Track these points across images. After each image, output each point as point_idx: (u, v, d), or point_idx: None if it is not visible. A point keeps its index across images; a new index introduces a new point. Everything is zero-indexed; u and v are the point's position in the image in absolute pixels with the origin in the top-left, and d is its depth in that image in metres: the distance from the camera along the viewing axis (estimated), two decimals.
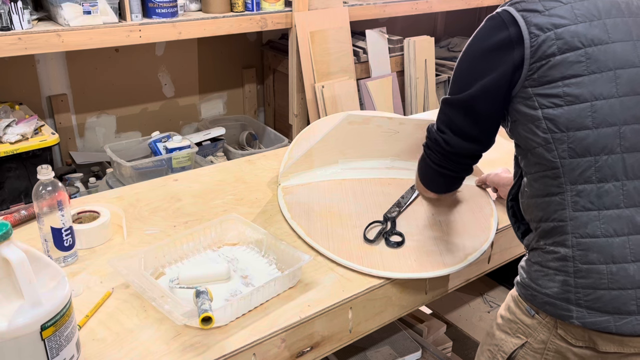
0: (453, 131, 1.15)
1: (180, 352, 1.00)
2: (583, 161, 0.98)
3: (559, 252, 1.01)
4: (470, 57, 1.10)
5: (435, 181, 1.28)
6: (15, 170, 2.35)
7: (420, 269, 1.25)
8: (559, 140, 0.99)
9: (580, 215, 0.99)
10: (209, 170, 1.74)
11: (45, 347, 0.85)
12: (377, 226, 1.39)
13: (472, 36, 1.10)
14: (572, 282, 0.99)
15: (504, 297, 2.08)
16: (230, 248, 1.32)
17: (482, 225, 1.43)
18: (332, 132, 1.59)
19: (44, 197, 1.15)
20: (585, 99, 0.98)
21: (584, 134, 0.98)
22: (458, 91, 1.12)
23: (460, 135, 1.14)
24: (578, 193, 0.99)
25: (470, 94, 1.09)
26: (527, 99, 1.02)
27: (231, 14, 2.78)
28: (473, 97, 1.09)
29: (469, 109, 1.11)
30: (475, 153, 1.20)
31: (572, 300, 0.99)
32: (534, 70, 1.00)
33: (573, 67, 0.98)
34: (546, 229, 1.04)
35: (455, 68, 1.14)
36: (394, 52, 3.47)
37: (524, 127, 1.04)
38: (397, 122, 1.63)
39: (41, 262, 0.88)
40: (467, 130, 1.13)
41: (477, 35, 1.09)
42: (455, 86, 1.13)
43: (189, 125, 3.43)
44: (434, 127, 1.20)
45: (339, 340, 1.19)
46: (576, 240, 0.99)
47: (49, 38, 2.28)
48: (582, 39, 0.98)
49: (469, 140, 1.14)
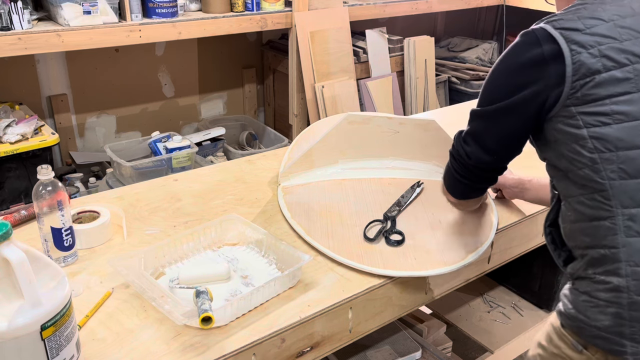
0: (476, 143, 1.14)
1: (180, 352, 1.00)
2: (635, 182, 0.93)
3: (611, 282, 0.95)
4: (501, 72, 1.08)
5: (456, 187, 1.27)
6: (15, 170, 2.35)
7: (421, 268, 1.25)
8: (608, 161, 0.95)
9: (634, 242, 0.93)
10: (209, 170, 1.74)
11: (45, 347, 0.85)
12: (377, 225, 1.39)
13: (505, 51, 1.08)
14: (626, 315, 0.93)
15: (504, 297, 2.09)
16: (230, 248, 1.32)
17: (483, 224, 1.43)
18: (332, 132, 1.59)
19: (44, 197, 1.15)
20: (635, 117, 0.94)
21: (635, 153, 0.93)
22: (485, 104, 1.11)
23: (482, 147, 1.13)
24: (631, 217, 0.93)
25: (498, 108, 1.08)
26: (569, 117, 0.99)
27: (231, 14, 2.78)
28: (500, 112, 1.08)
29: (494, 123, 1.10)
30: (494, 167, 1.18)
31: (627, 334, 0.93)
32: (576, 89, 0.97)
33: (621, 84, 0.95)
34: (595, 257, 0.98)
35: (486, 80, 1.13)
36: (394, 52, 3.47)
37: (568, 147, 1.00)
38: (397, 122, 1.63)
39: (41, 262, 0.88)
40: (488, 143, 1.13)
41: (510, 50, 1.07)
42: (484, 98, 1.12)
43: (189, 125, 3.43)
44: (460, 137, 1.19)
45: (339, 340, 1.19)
46: (630, 269, 0.93)
47: (49, 38, 2.28)
48: (628, 55, 0.96)
49: (489, 154, 1.13)
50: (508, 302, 2.07)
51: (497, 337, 1.91)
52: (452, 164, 1.22)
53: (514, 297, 2.10)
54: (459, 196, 1.29)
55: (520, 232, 1.52)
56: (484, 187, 1.26)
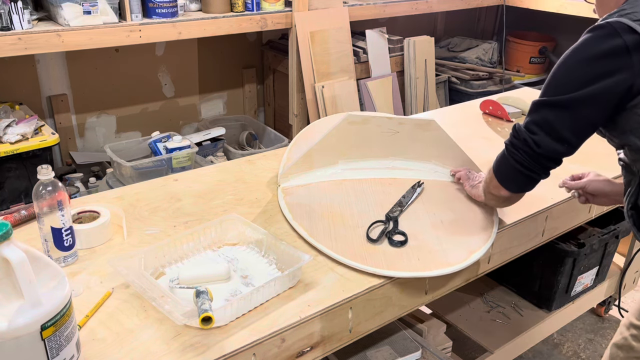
0: (546, 132, 1.14)
1: (180, 352, 1.00)
2: None
3: None
4: (576, 62, 1.09)
5: (516, 180, 1.25)
6: (15, 170, 2.35)
7: (424, 268, 1.25)
8: None
9: None
10: (209, 170, 1.74)
11: (45, 347, 0.85)
12: (380, 226, 1.39)
13: (577, 44, 1.10)
14: None
15: (504, 297, 2.09)
16: (230, 248, 1.32)
17: (484, 224, 1.43)
18: (332, 132, 1.59)
19: (44, 197, 1.15)
20: None
21: None
22: (558, 93, 1.11)
23: (554, 137, 1.13)
24: None
25: (574, 97, 1.08)
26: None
27: (231, 14, 2.78)
28: (577, 101, 1.08)
29: (570, 112, 1.10)
30: (562, 156, 1.19)
31: None
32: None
33: None
34: None
35: (554, 72, 1.13)
36: (394, 52, 3.47)
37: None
38: (397, 122, 1.63)
39: (41, 262, 0.88)
40: (563, 132, 1.13)
41: (583, 42, 1.08)
42: (555, 89, 1.12)
43: (189, 125, 3.43)
44: (523, 127, 1.18)
45: (339, 340, 1.19)
46: None
47: (49, 38, 2.28)
48: None
49: (561, 142, 1.14)
50: (508, 302, 2.07)
51: (497, 337, 1.91)
52: (514, 156, 1.20)
53: (514, 297, 2.10)
54: (517, 189, 1.27)
55: (520, 232, 1.52)
56: (544, 177, 1.24)
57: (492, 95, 2.41)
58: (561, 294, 2.00)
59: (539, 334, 2.01)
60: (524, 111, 2.27)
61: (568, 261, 1.92)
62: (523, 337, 1.94)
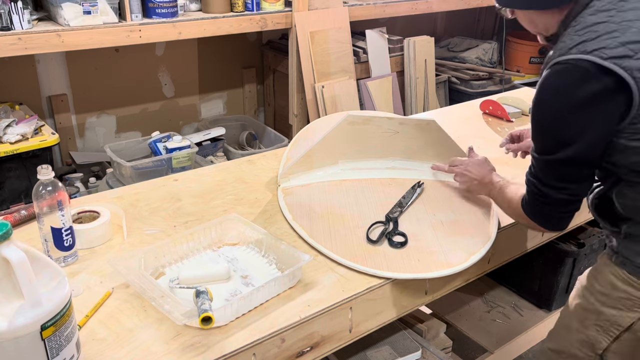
0: (573, 182, 1.14)
1: (180, 352, 1.00)
2: None
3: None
4: (562, 113, 1.08)
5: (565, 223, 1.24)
6: (15, 170, 2.35)
7: (425, 269, 1.25)
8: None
9: None
10: (209, 170, 1.74)
11: (45, 347, 0.85)
12: (380, 226, 1.39)
13: (551, 91, 1.09)
14: None
15: (504, 297, 2.09)
16: (230, 248, 1.32)
17: (484, 224, 1.43)
18: (332, 132, 1.59)
19: (44, 197, 1.15)
20: None
21: None
22: (560, 147, 1.10)
23: (580, 180, 1.15)
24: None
25: (576, 149, 1.08)
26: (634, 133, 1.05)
27: (231, 14, 2.78)
28: (580, 151, 1.09)
29: (581, 160, 1.11)
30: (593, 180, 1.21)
31: None
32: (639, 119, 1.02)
33: None
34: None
35: (540, 125, 1.14)
36: (394, 52, 3.47)
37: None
38: (397, 122, 1.63)
39: (41, 262, 0.88)
40: (585, 173, 1.14)
41: (559, 89, 1.07)
42: (554, 143, 1.11)
43: (189, 125, 3.43)
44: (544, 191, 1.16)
45: (339, 340, 1.19)
46: None
47: (49, 38, 2.28)
48: None
49: (589, 178, 1.16)
50: (508, 302, 2.07)
51: (497, 337, 1.91)
52: (556, 214, 1.20)
53: (514, 297, 2.10)
54: (566, 227, 1.26)
55: (520, 232, 1.52)
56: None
57: (492, 95, 2.41)
58: (561, 294, 2.00)
59: (539, 334, 2.01)
60: (524, 111, 2.27)
61: (568, 261, 1.92)
62: (523, 337, 1.94)
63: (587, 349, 1.29)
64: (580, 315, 1.28)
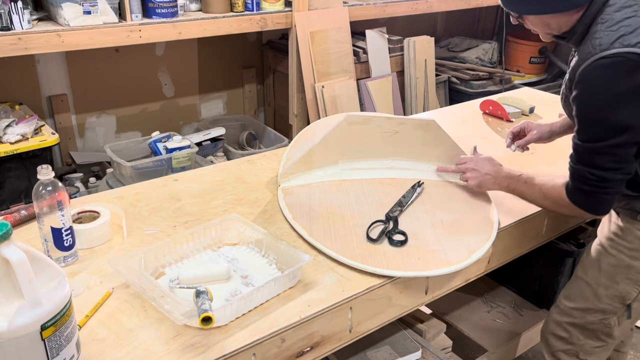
0: (628, 162, 1.20)
1: (180, 352, 1.00)
2: None
3: None
4: (614, 102, 1.13)
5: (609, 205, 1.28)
6: (15, 170, 2.35)
7: (425, 268, 1.25)
8: None
9: None
10: (209, 170, 1.74)
11: (45, 347, 0.85)
12: (380, 225, 1.39)
13: (601, 83, 1.13)
14: None
15: (504, 297, 2.09)
16: (230, 248, 1.32)
17: (484, 224, 1.43)
18: (332, 132, 1.59)
19: (44, 197, 1.15)
20: None
21: None
22: (613, 134, 1.15)
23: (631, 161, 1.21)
24: None
25: (632, 134, 1.14)
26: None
27: (231, 14, 2.78)
28: (636, 135, 1.15)
29: (633, 144, 1.17)
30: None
31: None
32: None
33: None
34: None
35: (590, 116, 1.18)
36: (394, 52, 3.47)
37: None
38: (397, 122, 1.63)
39: (41, 262, 0.88)
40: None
41: (610, 81, 1.12)
42: (605, 131, 1.16)
43: (189, 125, 3.43)
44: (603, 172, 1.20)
45: (339, 340, 1.19)
46: None
47: (49, 38, 2.28)
48: None
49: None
50: (508, 302, 2.07)
51: (497, 337, 1.91)
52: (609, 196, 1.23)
53: (514, 297, 2.10)
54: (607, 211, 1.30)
55: (520, 232, 1.52)
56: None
57: (492, 95, 2.41)
58: None
59: (539, 334, 2.00)
60: (524, 111, 2.27)
61: (568, 261, 1.92)
62: (523, 337, 1.94)
63: (616, 302, 1.40)
64: (609, 272, 1.39)
